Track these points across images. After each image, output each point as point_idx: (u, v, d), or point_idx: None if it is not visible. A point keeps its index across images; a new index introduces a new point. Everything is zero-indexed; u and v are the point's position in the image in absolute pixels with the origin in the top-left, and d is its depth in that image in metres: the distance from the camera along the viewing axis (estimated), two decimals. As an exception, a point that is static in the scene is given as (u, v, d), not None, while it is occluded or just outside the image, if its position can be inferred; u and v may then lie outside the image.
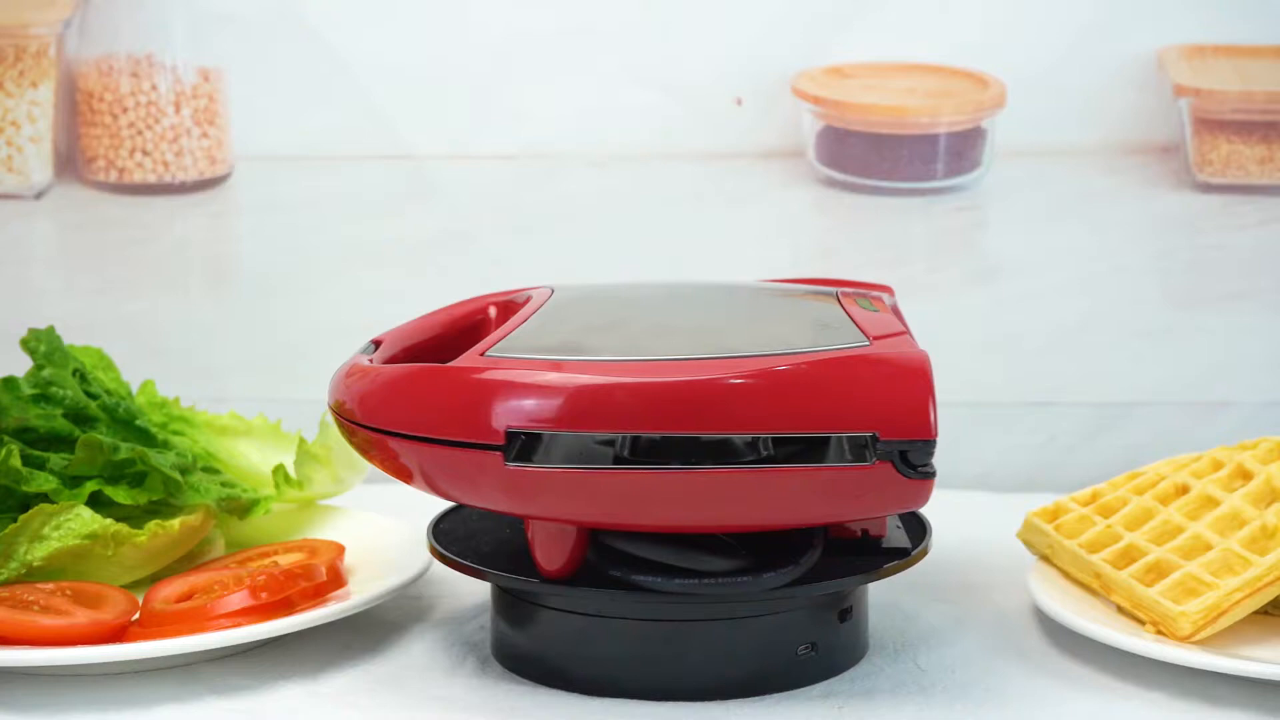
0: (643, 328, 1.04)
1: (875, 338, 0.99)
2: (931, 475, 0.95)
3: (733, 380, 0.94)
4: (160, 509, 1.15)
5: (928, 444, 0.94)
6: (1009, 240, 1.44)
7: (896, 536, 1.05)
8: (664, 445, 0.94)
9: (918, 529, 1.07)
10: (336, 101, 1.45)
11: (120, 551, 1.11)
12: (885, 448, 0.94)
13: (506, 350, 0.99)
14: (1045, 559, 1.12)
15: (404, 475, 1.01)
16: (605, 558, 0.98)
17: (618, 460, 0.94)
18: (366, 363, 1.05)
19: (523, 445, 0.95)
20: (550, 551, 0.98)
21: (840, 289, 1.11)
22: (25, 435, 1.15)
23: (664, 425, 0.94)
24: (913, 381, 0.95)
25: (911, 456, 0.94)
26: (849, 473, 0.94)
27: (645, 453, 0.94)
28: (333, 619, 1.05)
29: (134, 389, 1.24)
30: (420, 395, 0.98)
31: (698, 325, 1.04)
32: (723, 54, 1.43)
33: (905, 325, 1.04)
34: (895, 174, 1.43)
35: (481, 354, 0.99)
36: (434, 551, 1.05)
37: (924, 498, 0.96)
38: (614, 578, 0.98)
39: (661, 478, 0.94)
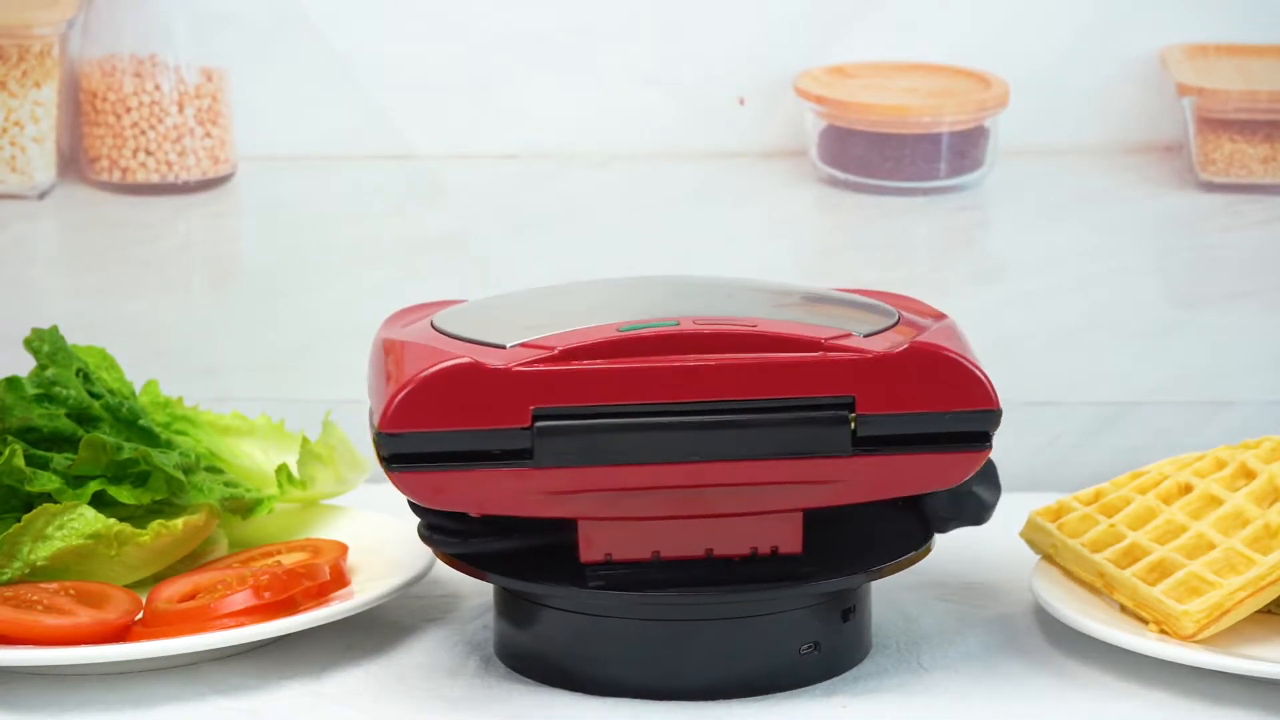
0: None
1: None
2: None
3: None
4: (163, 509, 1.15)
5: None
6: (1012, 239, 1.44)
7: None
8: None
9: (921, 528, 1.07)
10: (339, 102, 1.45)
11: (123, 551, 1.11)
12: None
13: None
14: (1048, 558, 1.12)
15: None
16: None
17: None
18: None
19: None
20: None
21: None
22: (28, 435, 1.15)
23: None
24: None
25: None
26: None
27: None
28: (336, 619, 1.05)
29: (137, 389, 1.24)
30: None
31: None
32: (725, 53, 1.43)
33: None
34: (898, 173, 1.43)
35: None
36: (437, 551, 1.05)
37: None
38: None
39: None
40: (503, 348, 0.97)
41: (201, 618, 1.04)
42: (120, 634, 1.04)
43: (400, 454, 0.95)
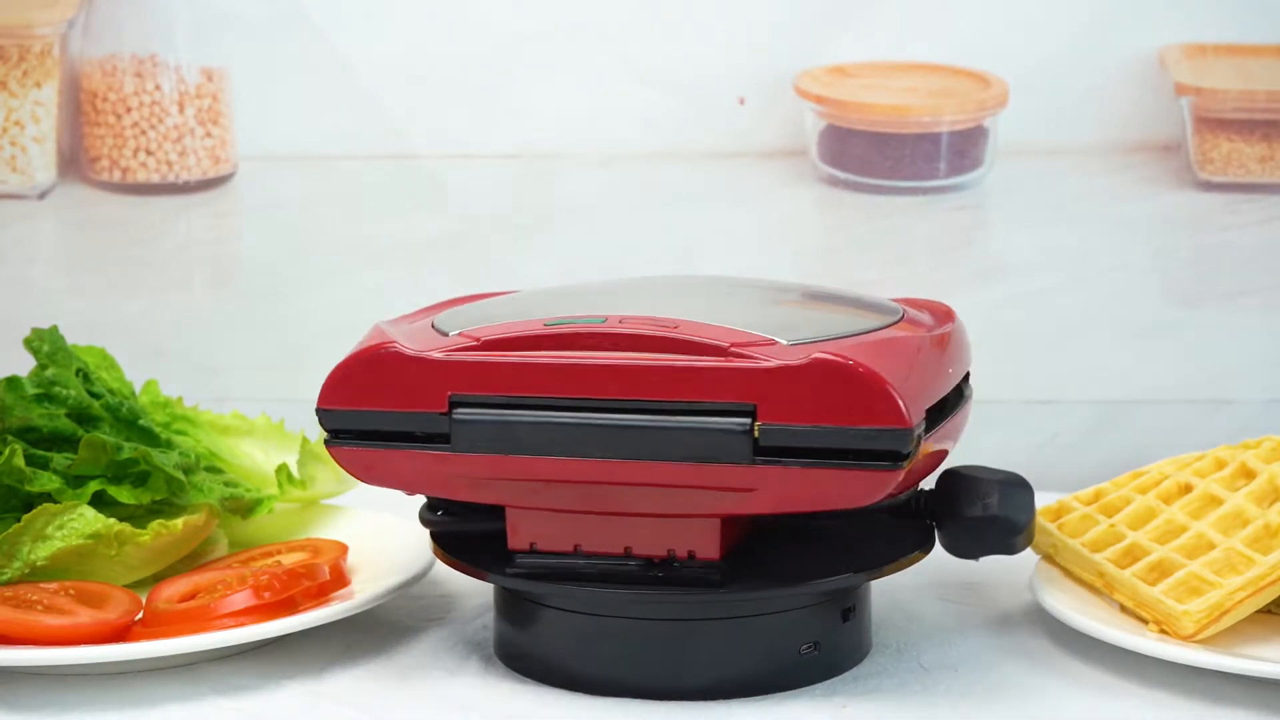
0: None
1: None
2: None
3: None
4: (163, 509, 1.15)
5: None
6: (1011, 239, 1.44)
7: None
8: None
9: (921, 527, 1.07)
10: (340, 101, 1.45)
11: (123, 551, 1.11)
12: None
13: None
14: (1048, 558, 1.12)
15: None
16: None
17: None
18: None
19: None
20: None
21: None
22: (28, 435, 1.15)
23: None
24: None
25: None
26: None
27: None
28: (336, 619, 1.05)
29: (137, 388, 1.24)
30: None
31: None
32: (725, 53, 1.43)
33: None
34: (897, 173, 1.43)
35: None
36: (436, 551, 1.05)
37: None
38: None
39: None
40: (445, 336, 1.00)
41: (201, 618, 1.04)
42: (120, 634, 1.04)
43: (334, 429, 1.01)
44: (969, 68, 1.42)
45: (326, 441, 1.01)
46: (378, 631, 1.10)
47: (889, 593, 1.14)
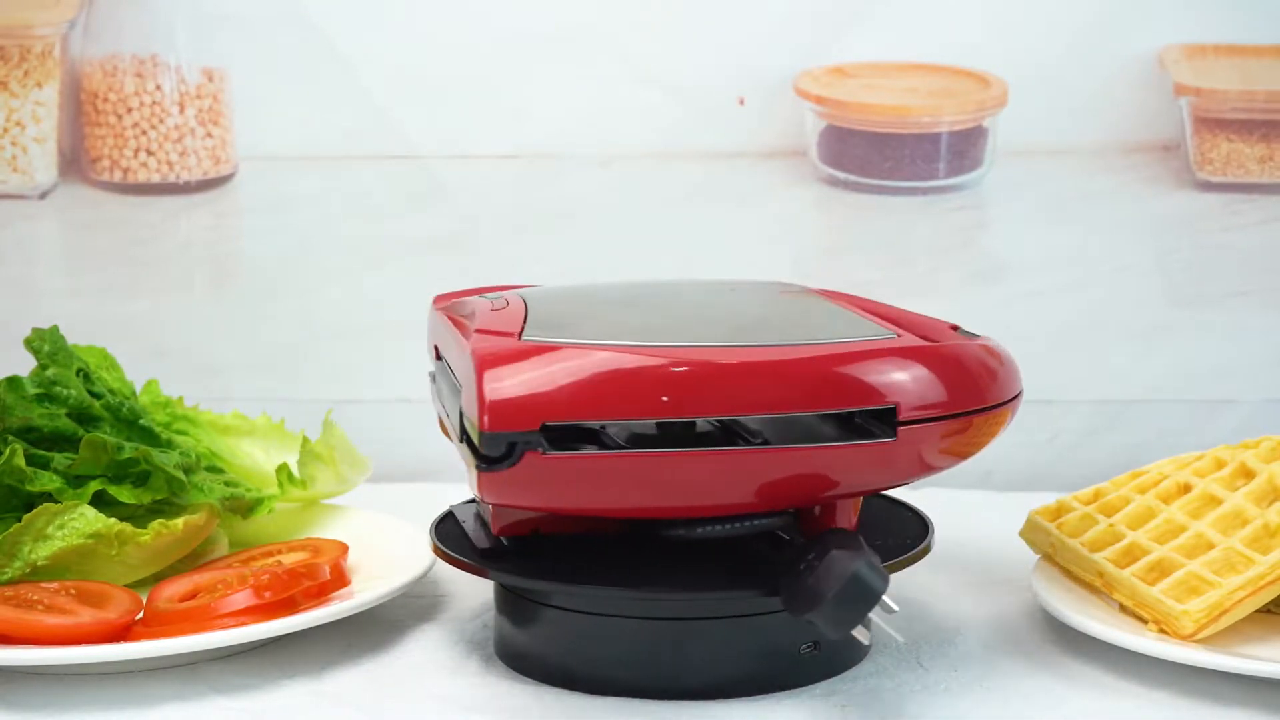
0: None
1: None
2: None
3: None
4: (164, 508, 1.16)
5: None
6: (1010, 239, 1.44)
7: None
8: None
9: (920, 527, 1.07)
10: (340, 102, 1.45)
11: (124, 551, 1.11)
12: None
13: None
14: (1048, 558, 1.12)
15: None
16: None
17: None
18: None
19: None
20: None
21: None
22: (29, 435, 1.15)
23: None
24: None
25: None
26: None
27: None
28: (336, 618, 1.05)
29: (138, 388, 1.24)
30: None
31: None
32: (725, 53, 1.43)
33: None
34: (897, 173, 1.43)
35: None
36: (437, 550, 1.05)
37: None
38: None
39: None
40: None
41: (202, 617, 1.04)
42: (121, 633, 1.04)
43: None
44: (969, 68, 1.42)
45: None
46: (378, 631, 1.10)
47: (889, 593, 1.13)
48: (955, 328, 1.06)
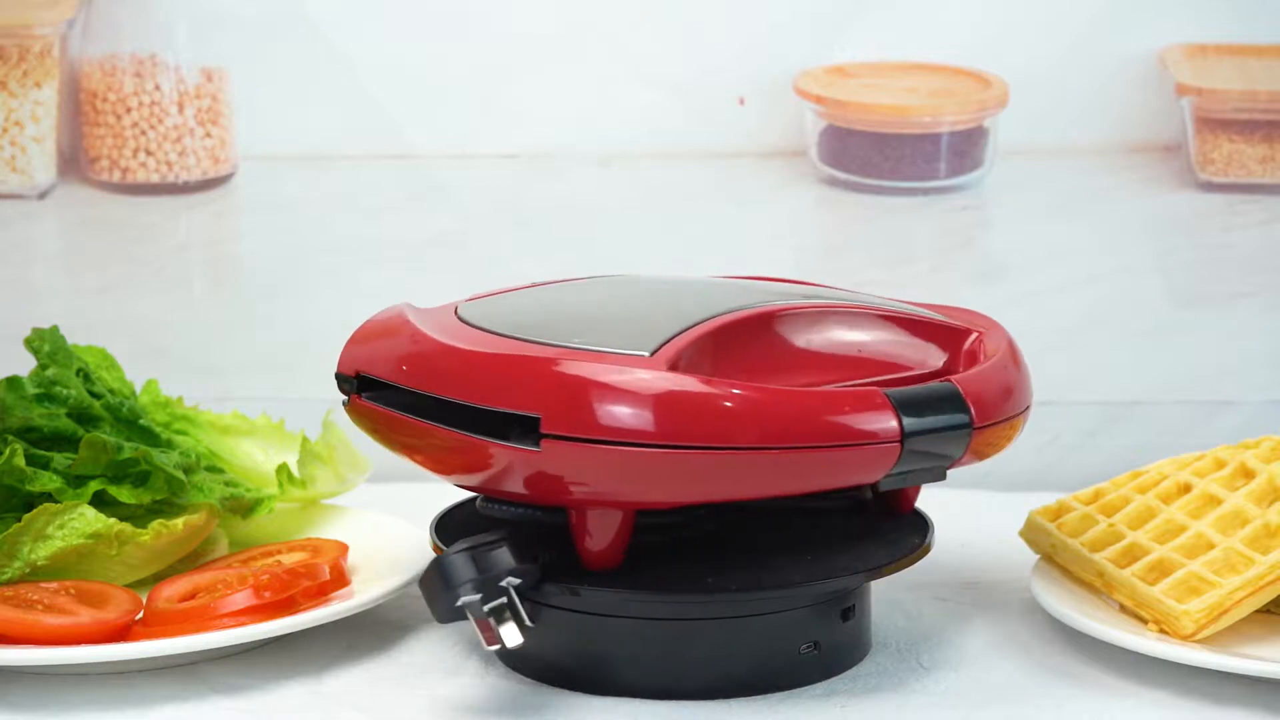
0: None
1: None
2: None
3: None
4: (164, 508, 1.15)
5: None
6: (1011, 239, 1.44)
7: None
8: None
9: (920, 527, 1.07)
10: (339, 101, 1.45)
11: (124, 551, 1.11)
12: None
13: None
14: (1048, 558, 1.12)
15: None
16: None
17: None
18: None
19: None
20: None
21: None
22: (29, 435, 1.15)
23: None
24: None
25: None
26: None
27: None
28: (336, 618, 1.05)
29: (137, 388, 1.24)
30: None
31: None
32: (725, 53, 1.43)
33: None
34: (897, 173, 1.43)
35: None
36: (437, 550, 1.05)
37: None
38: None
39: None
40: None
41: (201, 617, 1.04)
42: (120, 634, 1.04)
43: None
44: (969, 68, 1.42)
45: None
46: (378, 631, 1.10)
47: (889, 593, 1.14)
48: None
